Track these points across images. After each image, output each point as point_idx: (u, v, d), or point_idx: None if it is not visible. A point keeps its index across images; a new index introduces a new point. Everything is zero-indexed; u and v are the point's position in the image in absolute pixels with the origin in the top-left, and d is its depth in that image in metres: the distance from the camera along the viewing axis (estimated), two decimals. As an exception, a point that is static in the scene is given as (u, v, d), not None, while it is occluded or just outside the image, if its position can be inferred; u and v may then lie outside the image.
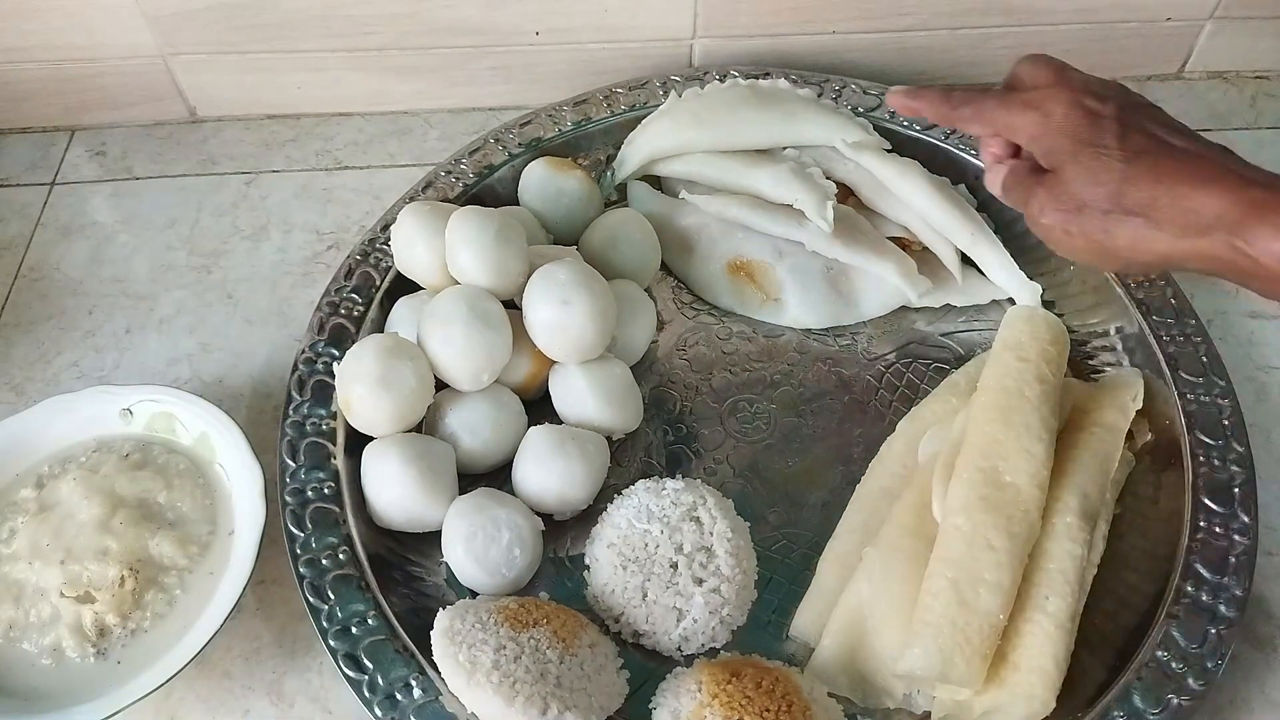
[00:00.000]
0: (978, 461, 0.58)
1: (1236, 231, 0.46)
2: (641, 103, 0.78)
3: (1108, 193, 0.49)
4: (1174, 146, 0.49)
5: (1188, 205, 0.47)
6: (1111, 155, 0.48)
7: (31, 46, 0.80)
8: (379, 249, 0.71)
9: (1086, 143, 0.49)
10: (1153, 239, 0.48)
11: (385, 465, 0.60)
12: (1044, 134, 0.51)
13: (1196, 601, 0.56)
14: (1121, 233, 0.49)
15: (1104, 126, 0.49)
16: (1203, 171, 0.47)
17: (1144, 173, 0.48)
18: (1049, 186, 0.51)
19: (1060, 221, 0.51)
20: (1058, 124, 0.50)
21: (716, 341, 0.71)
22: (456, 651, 0.52)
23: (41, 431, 0.64)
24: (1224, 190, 0.46)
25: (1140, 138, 0.48)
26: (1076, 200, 0.50)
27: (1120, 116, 0.49)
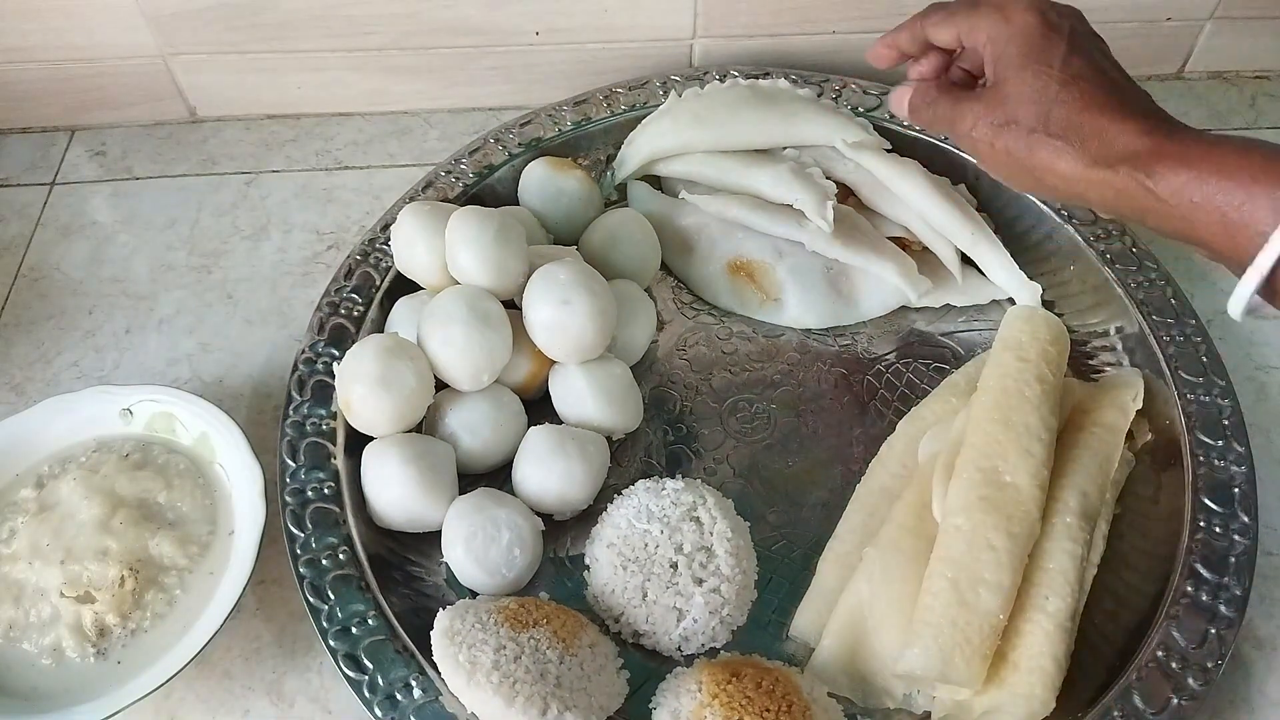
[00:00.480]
0: (978, 461, 0.58)
1: (1143, 166, 0.48)
2: (641, 103, 0.78)
3: (1038, 112, 0.51)
4: (1109, 79, 0.51)
5: (1106, 136, 0.49)
6: (1051, 75, 0.50)
7: (31, 46, 0.80)
8: (379, 249, 0.71)
9: (1033, 58, 0.51)
10: (1067, 163, 0.50)
11: (385, 465, 0.60)
12: (1000, 37, 0.53)
13: (1196, 601, 0.56)
14: (1041, 153, 0.51)
15: (1053, 43, 0.51)
16: (1127, 107, 0.50)
17: (1075, 98, 0.50)
18: (986, 101, 0.53)
19: (988, 135, 0.53)
20: (1016, 29, 0.52)
21: (716, 341, 0.71)
22: (456, 651, 0.52)
23: (41, 431, 0.64)
24: (1142, 127, 0.49)
25: (1080, 62, 0.51)
26: (1008, 116, 0.52)
27: (1071, 39, 0.51)
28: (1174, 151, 0.47)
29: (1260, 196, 0.45)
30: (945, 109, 0.56)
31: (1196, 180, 0.46)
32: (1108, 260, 0.69)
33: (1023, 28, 0.52)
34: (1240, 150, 0.46)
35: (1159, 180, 0.47)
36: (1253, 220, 0.45)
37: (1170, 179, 0.47)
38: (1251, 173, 0.45)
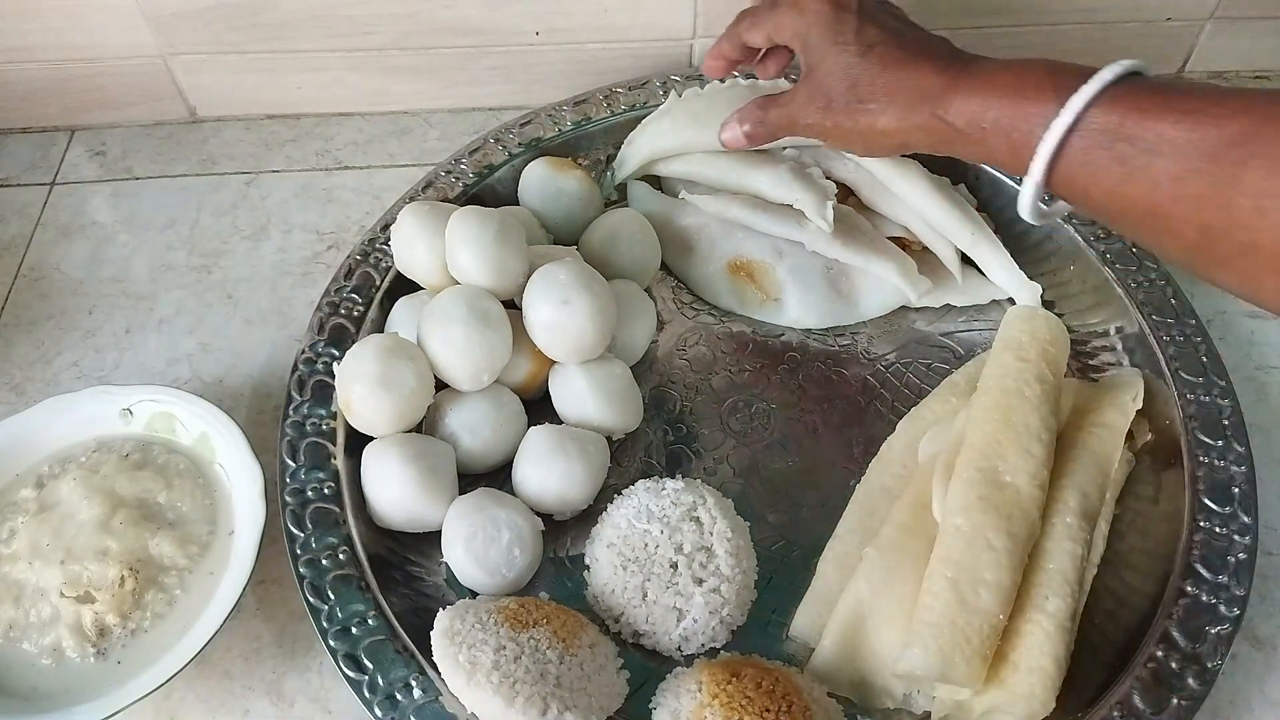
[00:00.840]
0: (978, 461, 0.58)
1: (940, 102, 0.53)
2: (641, 103, 0.78)
3: (847, 85, 0.56)
4: (903, 36, 0.56)
5: (906, 84, 0.54)
6: (849, 50, 0.56)
7: (31, 46, 0.80)
8: (379, 249, 0.71)
9: (831, 39, 0.56)
10: (884, 121, 0.55)
11: (385, 465, 0.60)
12: (801, 28, 0.58)
13: (1196, 601, 0.56)
14: (862, 119, 0.56)
15: (845, 22, 0.56)
16: (923, 55, 0.55)
17: (874, 63, 0.55)
18: (807, 89, 0.58)
19: (818, 118, 0.58)
20: (812, 17, 0.57)
21: (716, 341, 0.71)
22: (456, 652, 0.52)
23: (41, 431, 0.64)
24: (931, 68, 0.54)
25: (874, 30, 0.56)
26: (826, 96, 0.57)
27: (860, 11, 0.56)
28: (965, 84, 0.52)
29: (1034, 115, 0.49)
30: (776, 115, 0.61)
31: (981, 106, 0.51)
32: (1108, 260, 0.69)
33: (817, 14, 0.57)
34: (1019, 70, 0.50)
35: (952, 111, 0.52)
36: (1029, 136, 0.49)
37: (961, 108, 0.52)
38: (1025, 90, 0.49)
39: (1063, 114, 0.47)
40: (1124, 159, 0.46)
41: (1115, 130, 0.46)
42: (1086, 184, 0.48)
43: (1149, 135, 0.45)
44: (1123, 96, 0.47)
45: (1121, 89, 0.47)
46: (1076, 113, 0.47)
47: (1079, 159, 0.48)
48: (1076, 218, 0.71)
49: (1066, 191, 0.50)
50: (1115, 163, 0.47)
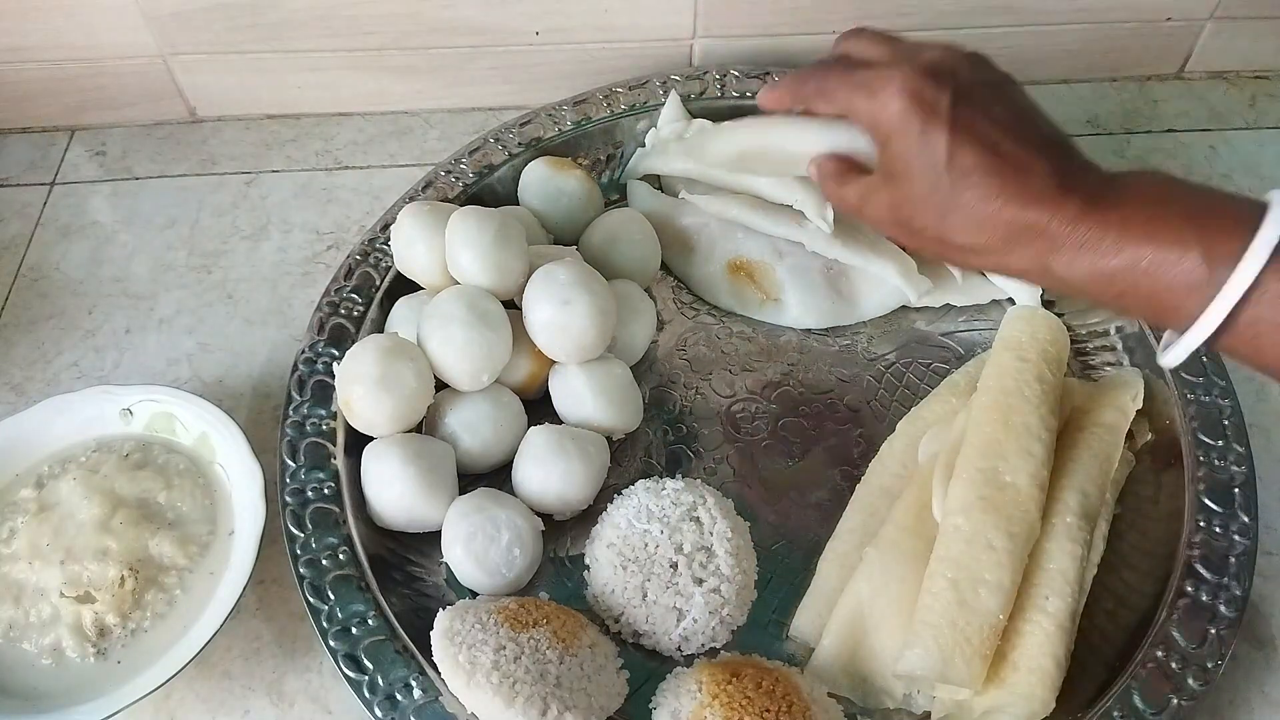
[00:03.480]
0: (978, 461, 0.58)
1: (1053, 249, 0.46)
2: (641, 102, 0.78)
3: (936, 218, 0.49)
4: (1002, 154, 0.47)
5: (1009, 224, 0.47)
6: (939, 176, 0.47)
7: (31, 46, 0.80)
8: (379, 249, 0.71)
9: (916, 155, 0.48)
10: (978, 260, 0.49)
11: (385, 465, 0.60)
12: (880, 128, 0.49)
13: (1196, 601, 0.56)
14: (952, 253, 0.51)
15: (934, 139, 0.47)
16: (1027, 187, 0.47)
17: (970, 194, 0.47)
18: (890, 197, 0.51)
19: (899, 235, 0.53)
20: (892, 118, 0.48)
21: (716, 341, 0.71)
22: (456, 652, 0.52)
23: (41, 431, 0.64)
24: (1042, 202, 0.46)
25: (969, 152, 0.47)
26: (909, 219, 0.50)
27: (952, 122, 0.47)
28: (1088, 229, 0.45)
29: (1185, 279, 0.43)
30: (853, 194, 0.53)
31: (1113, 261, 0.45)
32: (1108, 260, 0.69)
33: (899, 118, 0.48)
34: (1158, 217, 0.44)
35: (1075, 266, 0.46)
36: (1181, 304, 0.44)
37: (1081, 262, 0.46)
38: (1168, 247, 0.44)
39: (1227, 289, 0.42)
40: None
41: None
42: (1251, 350, 0.44)
43: None
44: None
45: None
46: (1245, 288, 0.42)
47: (1246, 330, 0.43)
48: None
49: (1226, 351, 0.45)
50: None
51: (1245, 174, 0.81)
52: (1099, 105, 0.86)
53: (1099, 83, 0.88)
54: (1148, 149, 0.83)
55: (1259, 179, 0.81)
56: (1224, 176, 0.81)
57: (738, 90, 0.78)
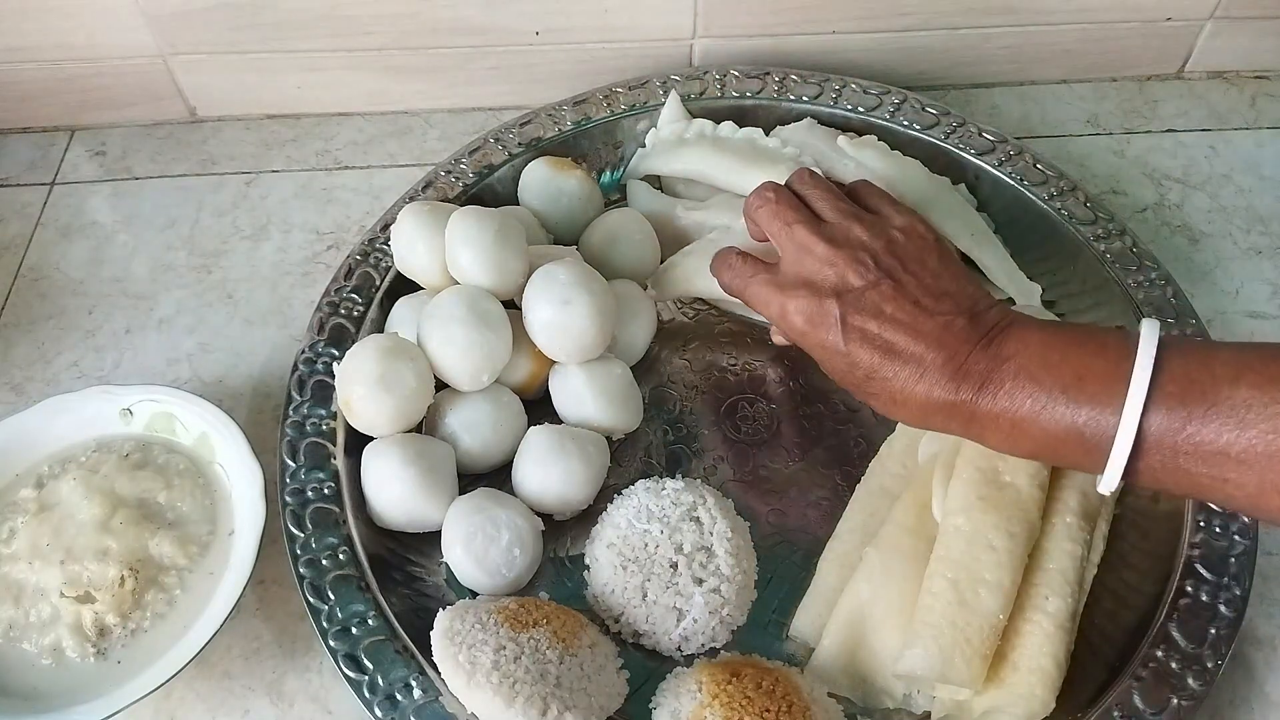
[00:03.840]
0: (977, 461, 0.58)
1: (962, 424, 0.51)
2: (641, 102, 0.78)
3: (855, 387, 0.54)
4: (897, 354, 0.52)
5: (916, 408, 0.52)
6: (850, 380, 0.54)
7: (31, 46, 0.80)
8: (379, 249, 0.71)
9: (824, 360, 0.55)
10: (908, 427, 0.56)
11: (385, 465, 0.60)
12: (793, 340, 0.56)
13: (1196, 601, 0.56)
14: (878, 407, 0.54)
15: (833, 348, 0.53)
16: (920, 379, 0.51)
17: (876, 391, 0.53)
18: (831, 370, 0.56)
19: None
20: (793, 325, 0.55)
21: (716, 341, 0.71)
22: (456, 652, 0.52)
23: (41, 431, 0.64)
24: (940, 393, 0.51)
25: (865, 358, 0.52)
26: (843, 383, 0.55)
27: (845, 331, 0.53)
28: (985, 409, 0.50)
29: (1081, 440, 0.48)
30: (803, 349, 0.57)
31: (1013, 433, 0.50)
32: (1108, 260, 0.69)
33: (801, 339, 0.55)
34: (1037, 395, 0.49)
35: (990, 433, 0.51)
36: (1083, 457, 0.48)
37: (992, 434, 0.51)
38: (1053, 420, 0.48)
39: (1112, 459, 0.47)
40: (1191, 483, 0.46)
41: (1173, 457, 0.46)
42: (1159, 489, 0.49)
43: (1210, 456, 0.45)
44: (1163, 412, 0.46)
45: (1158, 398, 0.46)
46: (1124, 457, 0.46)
47: (1145, 479, 0.48)
48: (1076, 216, 0.71)
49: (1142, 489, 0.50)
50: (1183, 484, 0.47)
51: (1245, 174, 0.81)
52: (1099, 105, 0.86)
53: (1099, 83, 0.88)
54: (1147, 149, 0.83)
55: (1259, 179, 0.81)
56: (1224, 176, 0.81)
57: (738, 90, 0.79)
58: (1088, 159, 0.82)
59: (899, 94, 0.77)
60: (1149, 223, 0.78)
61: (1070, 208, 0.72)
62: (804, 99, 0.78)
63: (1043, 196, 0.72)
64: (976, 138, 0.75)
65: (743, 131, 0.76)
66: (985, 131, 0.75)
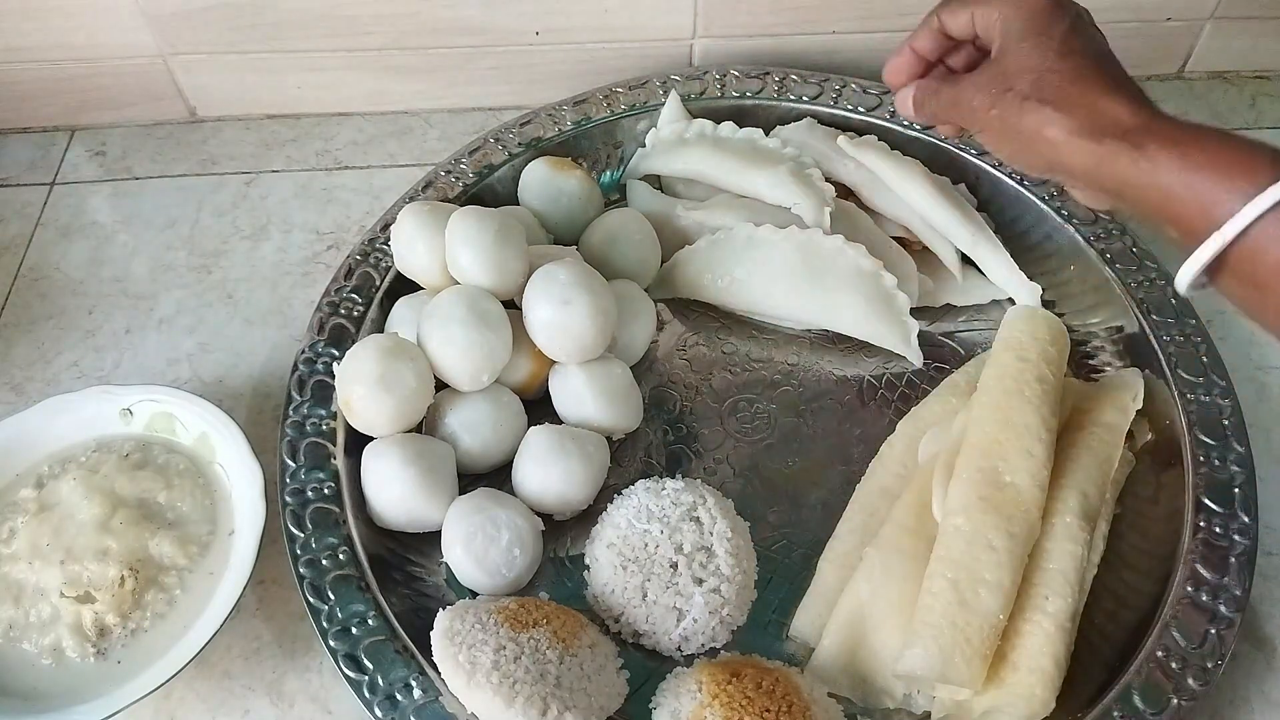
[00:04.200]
0: (978, 461, 0.58)
1: (1132, 141, 0.50)
2: (641, 102, 0.78)
3: (1033, 79, 0.53)
4: (1103, 60, 0.53)
5: (1096, 108, 0.51)
6: (1050, 47, 0.53)
7: (31, 46, 0.80)
8: (379, 249, 0.71)
9: (1035, 30, 0.54)
10: (1054, 130, 0.52)
11: (385, 465, 0.60)
12: (1010, 15, 0.55)
13: (1196, 601, 0.56)
14: (1030, 118, 0.53)
15: (1057, 21, 0.54)
16: (1119, 86, 0.52)
17: (1069, 69, 0.52)
18: (988, 73, 0.55)
19: (986, 103, 0.55)
20: (1027, 7, 0.54)
21: (716, 341, 0.71)
22: (456, 652, 0.52)
23: (41, 431, 0.63)
24: (1130, 106, 0.51)
25: (1080, 41, 0.53)
26: (1006, 83, 0.54)
27: (1075, 21, 0.54)
28: (1161, 132, 0.49)
29: (1235, 190, 0.47)
30: (949, 92, 0.58)
31: (1180, 161, 0.48)
32: (1108, 260, 0.69)
33: (1033, 6, 0.54)
34: (1220, 141, 0.48)
35: (1145, 158, 0.49)
36: (1223, 208, 0.47)
37: (1157, 157, 0.49)
38: (1228, 165, 0.47)
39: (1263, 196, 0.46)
40: None
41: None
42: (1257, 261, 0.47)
43: None
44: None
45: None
46: (1264, 209, 0.45)
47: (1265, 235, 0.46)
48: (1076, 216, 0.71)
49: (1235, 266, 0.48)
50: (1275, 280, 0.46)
51: (1245, 174, 0.81)
52: (1099, 105, 0.86)
53: (1099, 83, 0.88)
54: (1148, 149, 0.83)
55: (1259, 179, 0.81)
56: (1224, 176, 0.81)
57: (738, 90, 0.79)
58: (1088, 159, 0.82)
59: (899, 94, 0.77)
60: (1149, 223, 0.78)
61: (1070, 208, 0.72)
62: (804, 99, 0.78)
63: (1043, 196, 0.72)
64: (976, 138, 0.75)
65: (743, 131, 0.76)
66: (985, 131, 0.75)
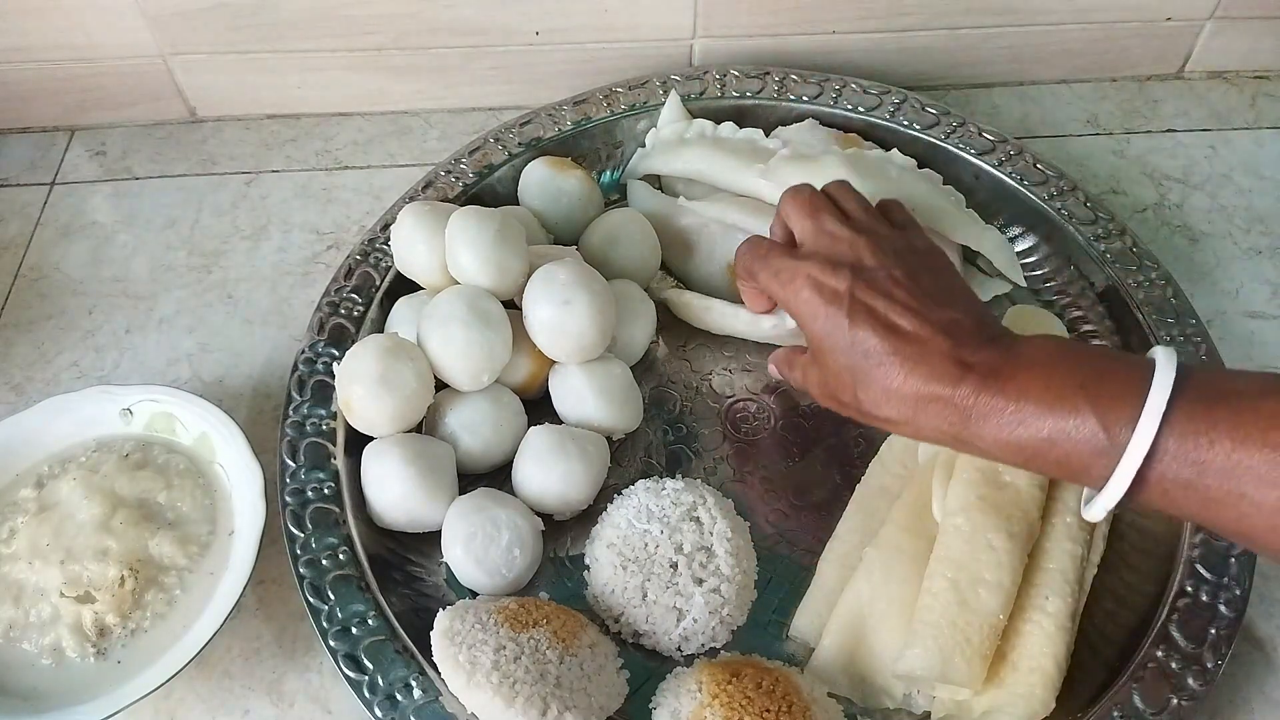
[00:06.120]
0: (978, 461, 0.58)
1: (961, 423, 0.49)
2: (641, 102, 0.78)
3: (851, 392, 0.52)
4: (902, 336, 0.50)
5: (915, 396, 0.50)
6: (844, 362, 0.52)
7: (31, 46, 0.80)
8: (379, 249, 0.71)
9: (823, 340, 0.53)
10: (900, 429, 0.52)
11: (385, 465, 0.60)
12: (795, 313, 0.55)
13: (1196, 601, 0.56)
14: (877, 421, 0.53)
15: (836, 320, 0.52)
16: (921, 365, 0.50)
17: (874, 374, 0.51)
18: (817, 373, 0.55)
19: (832, 405, 0.55)
20: (801, 311, 0.54)
21: (716, 341, 0.71)
22: (456, 652, 0.52)
23: (41, 431, 0.64)
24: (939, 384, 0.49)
25: (868, 335, 0.51)
26: (835, 393, 0.54)
27: (852, 305, 0.52)
28: (989, 404, 0.48)
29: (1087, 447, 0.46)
30: (799, 380, 0.58)
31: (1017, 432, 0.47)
32: (1108, 260, 0.69)
33: (807, 307, 0.53)
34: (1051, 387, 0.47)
35: (981, 437, 0.49)
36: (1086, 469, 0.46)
37: (990, 433, 0.48)
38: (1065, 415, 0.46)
39: (1127, 457, 0.44)
40: (1204, 497, 0.44)
41: (1191, 466, 0.44)
42: (1166, 505, 0.46)
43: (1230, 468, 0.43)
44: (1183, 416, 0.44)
45: (1180, 403, 0.44)
46: (1143, 454, 0.44)
47: (1156, 488, 0.45)
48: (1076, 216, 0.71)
49: (1144, 507, 0.47)
50: (1195, 500, 0.44)
51: (1245, 174, 0.81)
52: (1099, 105, 0.86)
53: (1099, 83, 0.88)
54: (1147, 149, 0.83)
55: (1259, 179, 0.81)
56: (1224, 176, 0.81)
57: (738, 90, 0.79)
58: (1088, 159, 0.82)
59: (899, 94, 0.77)
60: (1149, 223, 0.78)
61: (1070, 208, 0.72)
62: (804, 99, 0.78)
63: (1043, 196, 0.72)
64: (976, 138, 0.75)
65: (743, 132, 0.76)
66: (985, 131, 0.75)
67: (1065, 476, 0.49)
